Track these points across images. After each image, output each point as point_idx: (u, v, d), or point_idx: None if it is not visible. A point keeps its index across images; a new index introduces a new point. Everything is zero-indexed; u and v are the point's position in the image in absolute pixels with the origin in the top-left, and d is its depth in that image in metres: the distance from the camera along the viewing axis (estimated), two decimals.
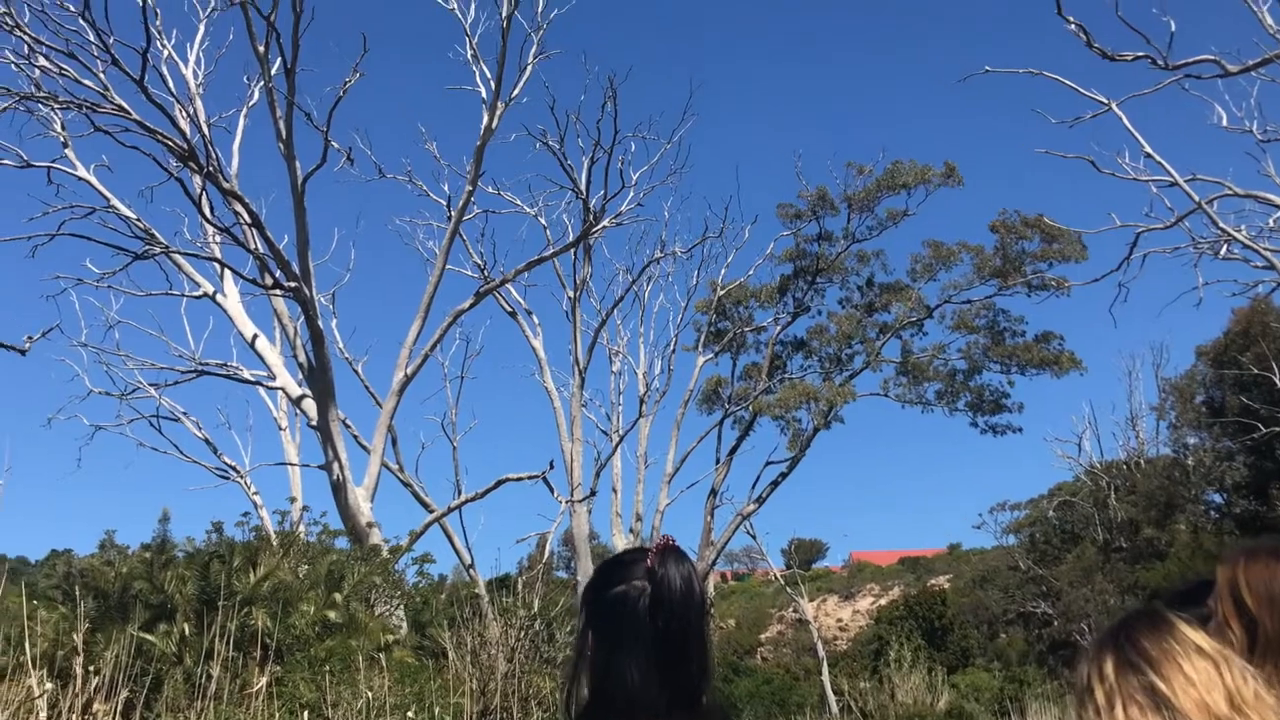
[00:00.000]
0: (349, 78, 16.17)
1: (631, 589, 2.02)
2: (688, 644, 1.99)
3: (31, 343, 10.41)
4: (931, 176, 29.92)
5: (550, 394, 26.63)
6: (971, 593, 44.83)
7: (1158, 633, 1.66)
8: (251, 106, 18.64)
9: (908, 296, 31.11)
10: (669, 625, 1.97)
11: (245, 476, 22.56)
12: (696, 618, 2.02)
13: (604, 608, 2.06)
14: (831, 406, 29.37)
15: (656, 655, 1.97)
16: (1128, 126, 14.95)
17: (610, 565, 2.15)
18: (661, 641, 1.97)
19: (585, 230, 20.68)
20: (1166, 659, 1.62)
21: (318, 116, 15.77)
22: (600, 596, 2.08)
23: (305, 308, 15.96)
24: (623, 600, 2.02)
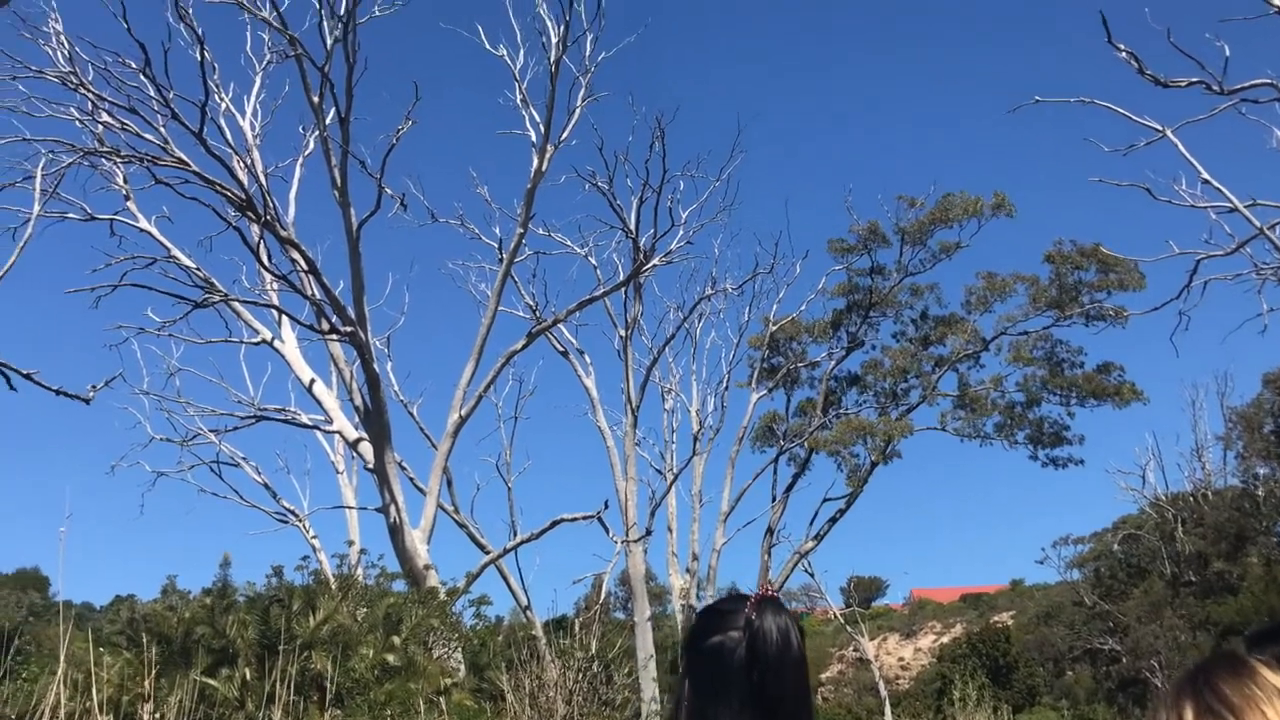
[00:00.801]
0: (402, 125, 16.43)
1: (728, 639, 1.97)
2: (784, 698, 1.93)
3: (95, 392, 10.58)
4: (983, 208, 29.67)
5: (603, 433, 26.62)
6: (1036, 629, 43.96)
7: (1238, 678, 1.59)
8: (307, 156, 19.01)
9: (963, 329, 30.77)
10: (765, 679, 1.92)
11: (304, 520, 22.76)
12: (794, 672, 1.96)
13: (700, 657, 2.01)
14: (888, 441, 29.05)
15: (752, 708, 1.91)
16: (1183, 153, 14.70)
17: (708, 613, 2.10)
18: (758, 695, 1.92)
19: (635, 269, 20.73)
20: (1249, 705, 1.54)
21: (371, 164, 16.03)
22: (697, 645, 2.03)
23: (361, 352, 16.13)
24: (718, 651, 1.97)
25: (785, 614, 1.99)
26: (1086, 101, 15.48)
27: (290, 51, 15.93)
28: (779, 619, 1.97)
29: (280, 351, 18.39)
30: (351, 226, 15.85)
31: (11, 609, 32.99)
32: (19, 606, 35.06)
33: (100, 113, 15.19)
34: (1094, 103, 15.32)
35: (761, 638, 1.93)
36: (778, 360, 31.68)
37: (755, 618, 1.95)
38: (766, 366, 31.28)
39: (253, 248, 15.76)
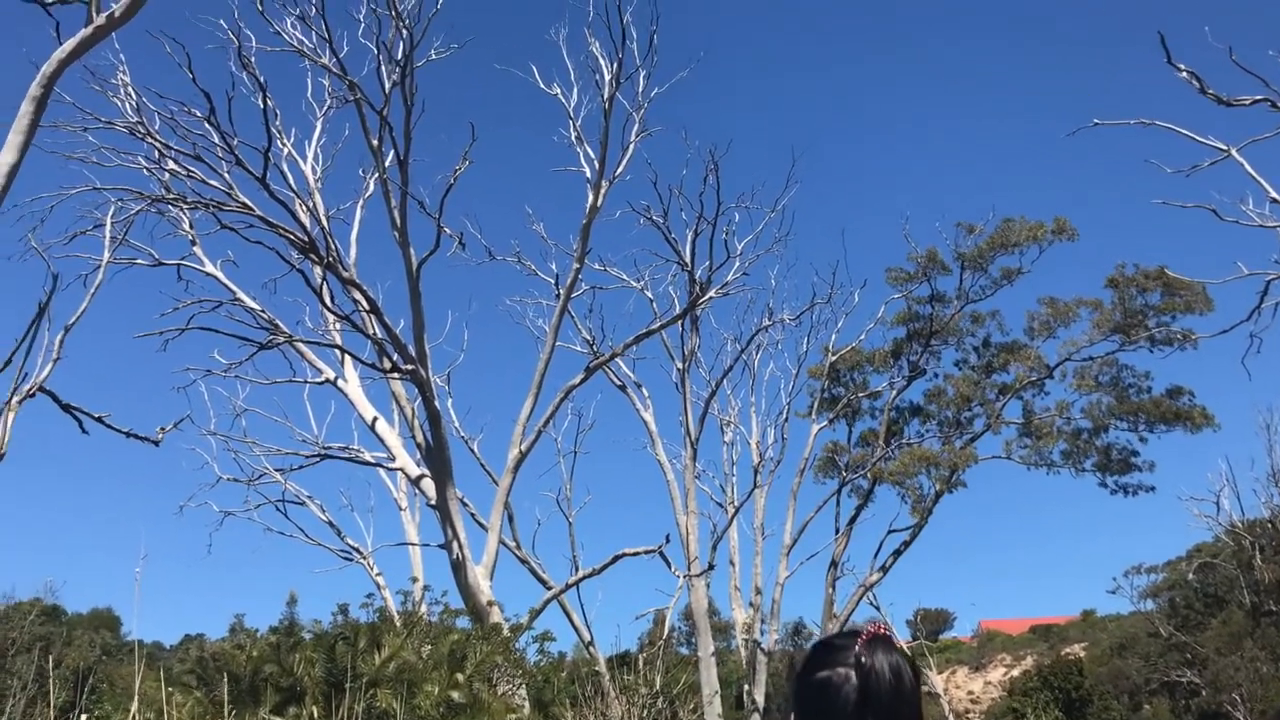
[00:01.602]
0: (459, 165, 16.65)
1: (836, 675, 1.94)
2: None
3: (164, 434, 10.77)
4: (1045, 233, 29.31)
5: (663, 466, 26.54)
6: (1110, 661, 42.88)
7: None
8: (367, 198, 19.31)
9: (1026, 356, 30.31)
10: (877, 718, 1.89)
11: (368, 557, 22.93)
12: (907, 711, 1.92)
13: (809, 693, 1.98)
14: (953, 471, 28.62)
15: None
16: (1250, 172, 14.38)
17: (819, 649, 2.06)
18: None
19: (692, 302, 20.73)
20: None
21: (430, 204, 16.24)
22: (806, 681, 2.00)
23: (422, 389, 16.27)
24: (825, 685, 1.94)
25: (897, 653, 1.93)
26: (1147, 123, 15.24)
27: (350, 96, 16.24)
28: (891, 657, 1.92)
29: (343, 390, 18.62)
30: (411, 266, 16.05)
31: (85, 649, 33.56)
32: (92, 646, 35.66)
33: (167, 161, 15.58)
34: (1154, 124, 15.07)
35: (874, 677, 1.89)
36: (838, 390, 31.43)
37: (866, 657, 1.91)
38: (827, 397, 31.03)
39: (315, 289, 16.01)
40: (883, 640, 1.96)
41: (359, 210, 19.36)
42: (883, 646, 1.94)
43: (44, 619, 27.59)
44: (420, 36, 15.79)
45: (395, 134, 15.72)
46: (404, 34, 15.70)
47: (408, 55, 15.66)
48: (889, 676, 1.90)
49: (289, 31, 16.02)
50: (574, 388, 18.46)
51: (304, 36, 16.11)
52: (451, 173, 16.56)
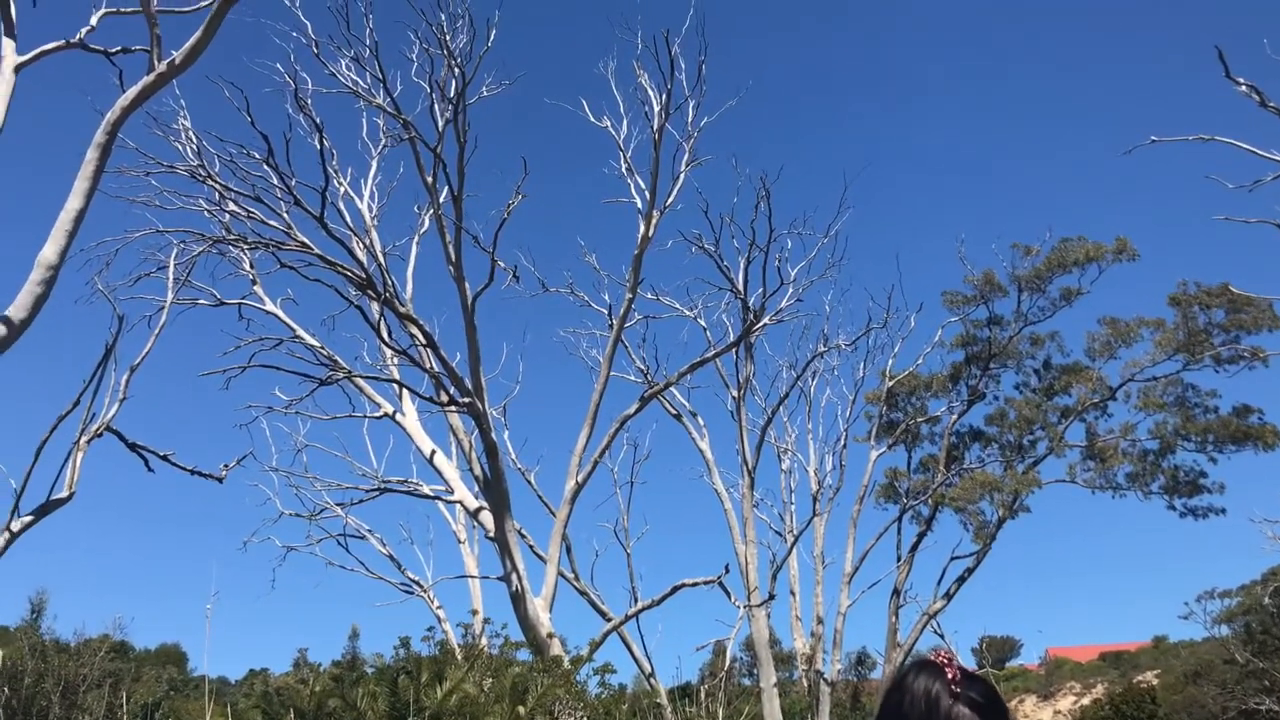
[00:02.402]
0: (512, 200, 16.79)
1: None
2: None
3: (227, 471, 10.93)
4: (1103, 253, 28.89)
5: (720, 496, 26.41)
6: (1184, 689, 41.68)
7: None
8: (422, 234, 19.55)
9: (1088, 377, 29.83)
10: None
11: (428, 590, 23.02)
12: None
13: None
14: (1016, 496, 28.17)
15: None
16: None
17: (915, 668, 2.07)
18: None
19: (746, 329, 20.67)
20: None
21: (484, 238, 16.38)
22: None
23: (479, 422, 16.36)
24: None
25: (953, 679, 1.93)
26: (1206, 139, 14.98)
27: (404, 135, 16.49)
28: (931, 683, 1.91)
29: (401, 424, 18.77)
30: (467, 300, 16.19)
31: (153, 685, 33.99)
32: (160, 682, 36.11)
33: (227, 202, 15.91)
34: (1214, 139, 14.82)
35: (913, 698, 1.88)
36: (896, 416, 31.12)
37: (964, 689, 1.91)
38: (885, 423, 30.73)
39: (373, 325, 16.19)
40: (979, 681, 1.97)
41: (414, 246, 19.61)
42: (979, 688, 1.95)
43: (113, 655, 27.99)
44: (472, 74, 16.01)
45: (449, 170, 15.92)
46: (456, 72, 15.92)
47: (460, 93, 15.88)
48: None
49: (344, 73, 16.33)
50: (629, 418, 18.45)
51: (358, 77, 16.42)
52: (505, 207, 16.72)
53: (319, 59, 16.09)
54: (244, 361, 15.95)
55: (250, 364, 15.99)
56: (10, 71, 10.93)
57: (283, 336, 17.02)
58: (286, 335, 17.26)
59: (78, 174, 9.67)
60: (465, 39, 16.00)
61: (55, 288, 9.46)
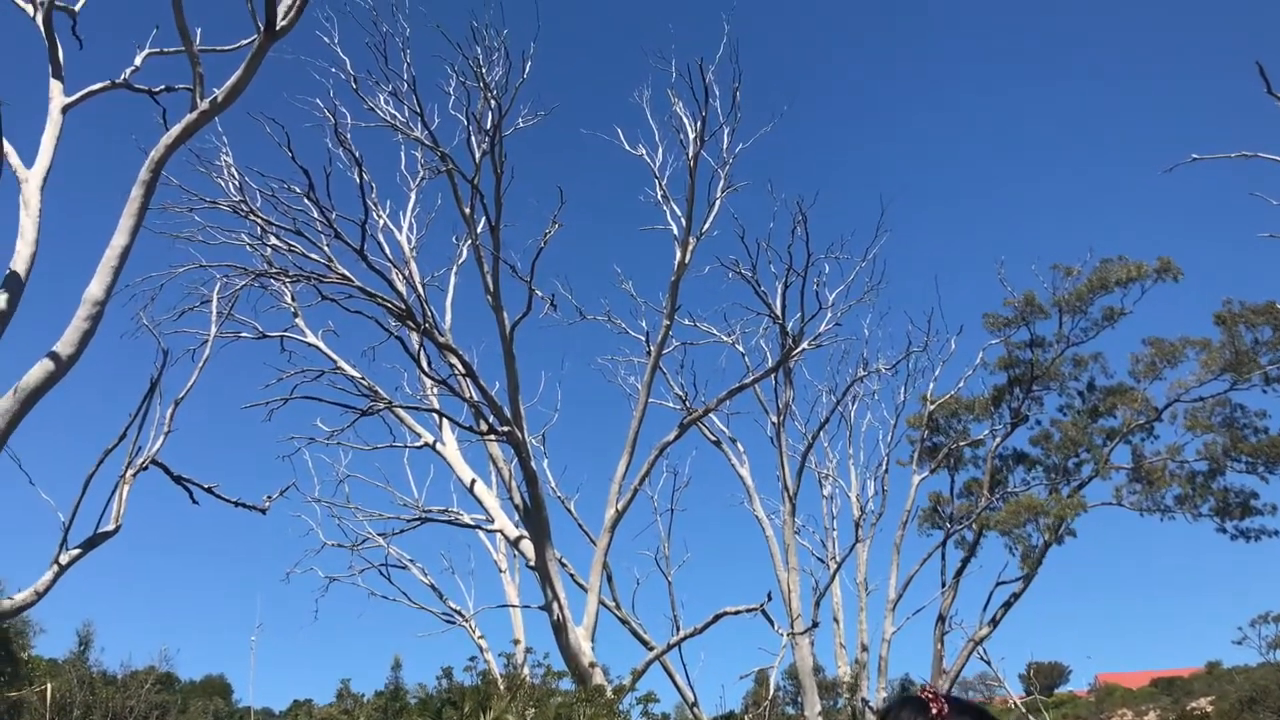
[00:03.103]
0: (548, 229, 16.88)
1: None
2: None
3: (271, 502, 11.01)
4: (1146, 272, 28.57)
5: (761, 522, 26.23)
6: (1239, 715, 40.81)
7: None
8: (460, 264, 19.71)
9: (1133, 398, 29.42)
10: None
11: (470, 620, 23.02)
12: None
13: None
14: (1061, 520, 27.76)
15: None
16: None
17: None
18: None
19: (784, 355, 20.59)
20: None
21: (521, 267, 16.47)
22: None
23: (518, 450, 16.39)
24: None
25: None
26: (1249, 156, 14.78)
27: (442, 167, 16.65)
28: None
29: (442, 454, 18.85)
30: (505, 329, 16.27)
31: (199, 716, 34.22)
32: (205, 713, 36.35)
33: (269, 236, 16.13)
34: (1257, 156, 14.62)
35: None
36: (939, 440, 30.83)
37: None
38: (927, 446, 30.45)
39: (413, 355, 16.31)
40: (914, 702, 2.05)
41: (453, 276, 19.77)
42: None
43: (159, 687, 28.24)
44: (508, 106, 16.17)
45: (486, 201, 16.05)
46: (492, 104, 16.08)
47: (496, 125, 16.02)
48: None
49: (382, 107, 16.54)
50: (668, 445, 18.41)
51: (397, 111, 16.61)
52: (541, 236, 16.81)
53: (358, 94, 16.34)
54: (286, 393, 16.12)
55: (292, 396, 16.15)
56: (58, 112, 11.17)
57: (324, 368, 17.20)
58: (328, 367, 17.43)
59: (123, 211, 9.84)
60: (501, 72, 16.18)
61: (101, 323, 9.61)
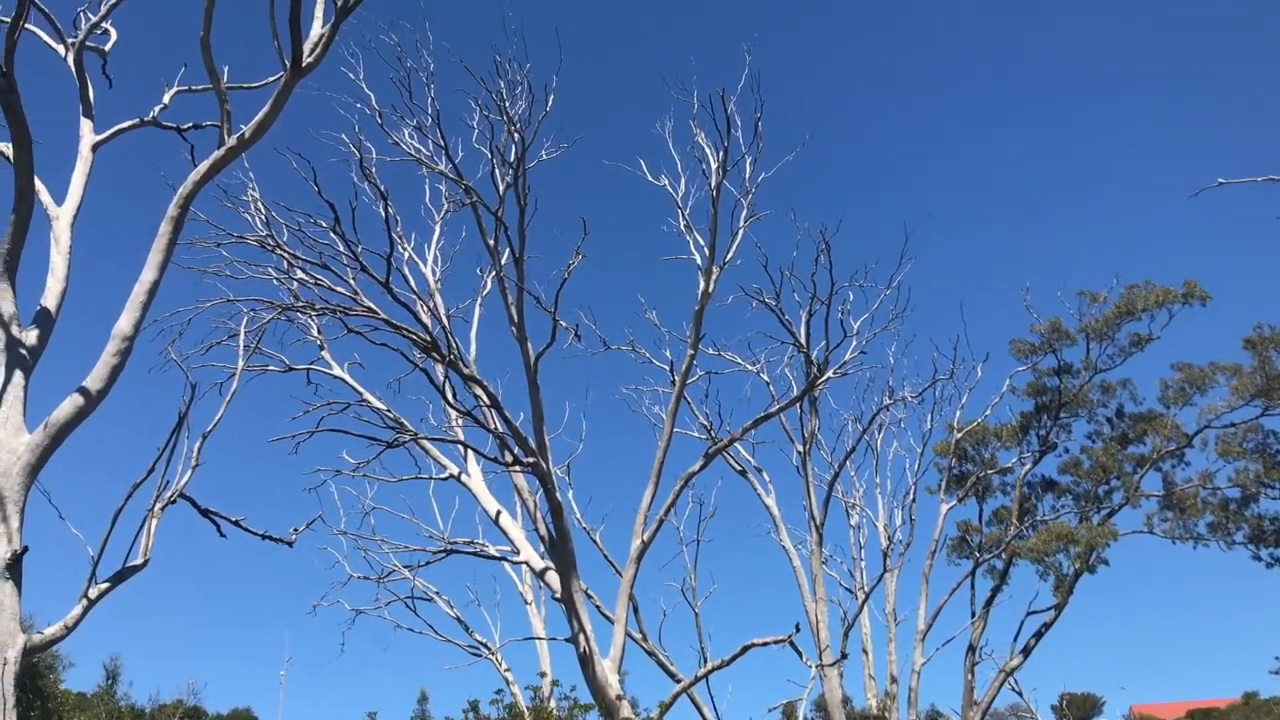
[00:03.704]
0: (572, 260, 16.93)
1: None
2: None
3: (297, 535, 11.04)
4: (1172, 297, 28.37)
5: (788, 552, 26.07)
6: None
7: None
8: (485, 296, 19.77)
9: (1163, 425, 29.14)
10: None
11: (496, 653, 22.94)
12: None
13: None
14: (1092, 549, 27.46)
15: None
16: None
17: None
18: None
19: (809, 383, 20.52)
20: None
21: (546, 298, 16.51)
22: None
23: (544, 481, 16.37)
24: None
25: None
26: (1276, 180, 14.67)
27: (466, 200, 16.76)
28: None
29: (467, 485, 18.86)
30: (529, 360, 16.30)
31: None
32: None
33: (295, 270, 16.26)
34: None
35: None
36: (966, 468, 30.62)
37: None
38: (955, 474, 30.24)
39: (438, 387, 16.35)
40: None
41: (478, 308, 19.84)
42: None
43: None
44: (531, 139, 16.27)
45: (510, 233, 16.14)
46: (516, 138, 16.20)
47: (520, 157, 16.13)
48: None
49: (407, 142, 16.69)
50: (694, 475, 18.34)
51: (421, 145, 16.76)
52: (565, 267, 16.86)
53: (383, 129, 16.49)
54: (313, 426, 16.16)
55: (319, 428, 16.19)
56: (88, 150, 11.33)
57: (350, 400, 17.25)
58: (354, 399, 17.49)
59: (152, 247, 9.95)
60: (524, 105, 16.30)
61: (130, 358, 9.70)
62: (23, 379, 9.25)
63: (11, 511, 8.54)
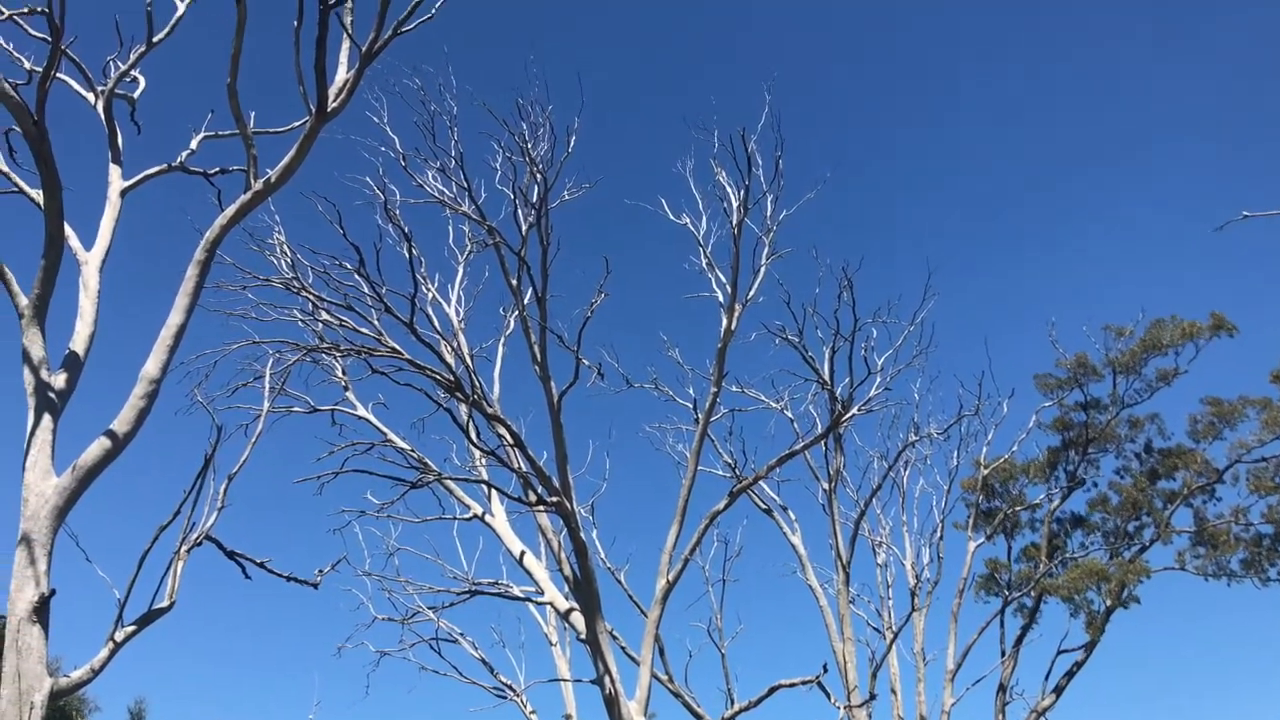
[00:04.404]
0: (595, 298, 16.97)
1: None
2: None
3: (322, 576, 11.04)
4: (1199, 330, 28.18)
5: (815, 592, 25.84)
6: None
7: None
8: (508, 335, 19.84)
9: (1192, 460, 28.84)
10: None
11: (521, 695, 22.75)
12: None
13: None
14: (1124, 586, 27.11)
15: None
16: None
17: None
18: None
19: (834, 421, 20.41)
20: None
21: (568, 337, 16.54)
22: None
23: (567, 521, 16.33)
24: None
25: None
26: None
27: (489, 240, 16.86)
28: None
29: (491, 525, 18.83)
30: (553, 399, 16.31)
31: None
32: None
33: (320, 312, 16.38)
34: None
35: None
36: (994, 504, 30.35)
37: None
38: (983, 511, 29.97)
39: (462, 426, 16.38)
40: None
41: (501, 348, 19.89)
42: None
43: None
44: (553, 180, 16.39)
45: (533, 273, 16.22)
46: (538, 178, 16.32)
47: (542, 198, 16.24)
48: None
49: (430, 184, 16.83)
50: (718, 513, 18.25)
51: (444, 187, 16.89)
52: (588, 306, 16.91)
53: (407, 171, 16.65)
54: (337, 467, 16.21)
55: (343, 469, 16.23)
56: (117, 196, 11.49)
57: (374, 441, 17.29)
58: (378, 439, 17.52)
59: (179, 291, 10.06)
60: (546, 146, 16.43)
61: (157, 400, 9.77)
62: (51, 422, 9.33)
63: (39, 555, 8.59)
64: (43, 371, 9.39)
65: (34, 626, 8.40)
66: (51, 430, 9.30)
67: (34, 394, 9.31)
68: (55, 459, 9.20)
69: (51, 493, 8.89)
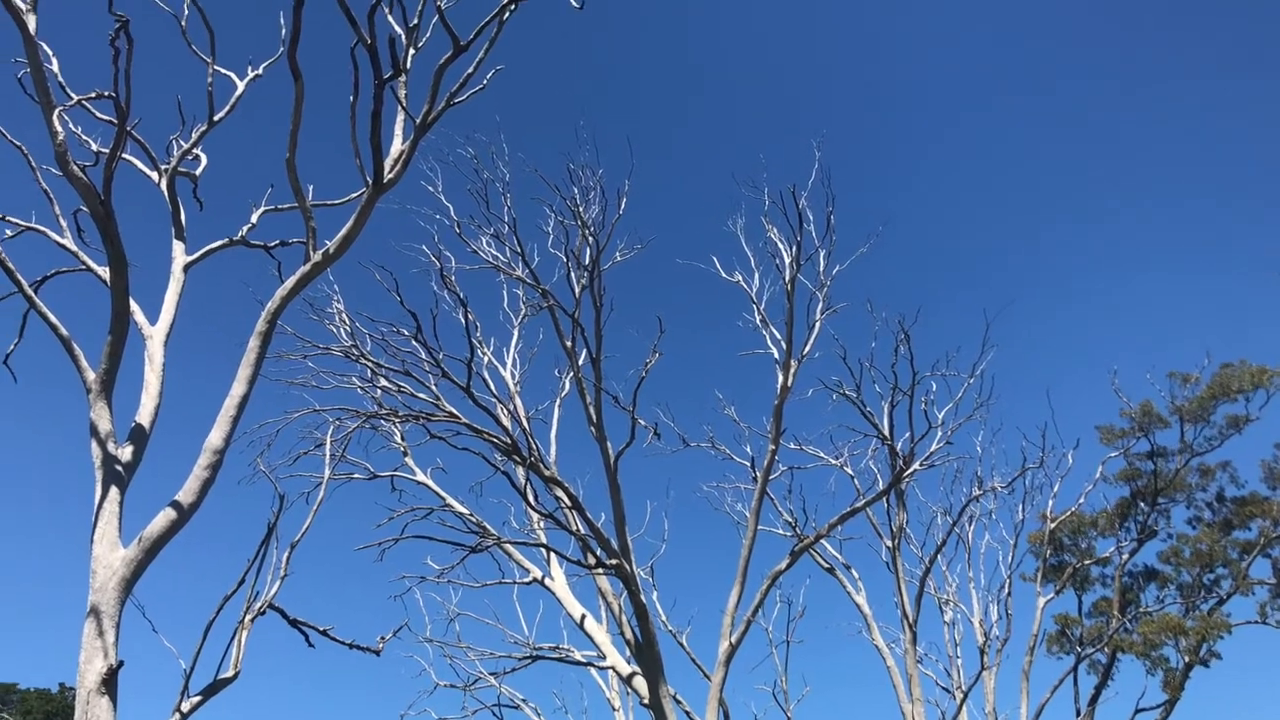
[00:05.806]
0: (649, 359, 17.01)
1: None
2: None
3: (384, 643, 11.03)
4: (1269, 377, 27.53)
5: (881, 652, 25.30)
6: None
7: None
8: (564, 397, 19.90)
9: (1268, 508, 28.02)
10: None
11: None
12: None
13: None
14: (1202, 641, 26.25)
15: None
16: None
17: None
18: None
19: (896, 476, 20.15)
20: None
21: (624, 398, 16.57)
22: None
23: (627, 583, 16.21)
24: None
25: None
26: None
27: (543, 303, 17.02)
28: None
29: (551, 589, 18.73)
30: (609, 460, 16.29)
31: None
32: None
33: (379, 379, 16.58)
34: None
35: None
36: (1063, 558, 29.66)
37: None
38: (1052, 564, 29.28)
39: (520, 489, 16.41)
40: None
41: (557, 409, 19.95)
42: None
43: None
44: (605, 242, 16.56)
45: (587, 334, 16.31)
46: (590, 241, 16.50)
47: (595, 260, 16.39)
48: None
49: (485, 249, 17.07)
50: (780, 573, 18.01)
51: (498, 252, 17.13)
52: (643, 366, 16.94)
53: (461, 238, 16.91)
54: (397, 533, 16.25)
55: (403, 535, 16.27)
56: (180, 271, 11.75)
57: (433, 506, 17.35)
58: (437, 504, 17.59)
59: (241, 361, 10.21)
60: (598, 209, 16.63)
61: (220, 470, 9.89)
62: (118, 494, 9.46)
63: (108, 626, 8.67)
64: (110, 445, 9.56)
65: (103, 698, 8.46)
66: (118, 502, 9.43)
67: (101, 467, 9.47)
68: (122, 531, 9.32)
69: (119, 564, 8.99)
